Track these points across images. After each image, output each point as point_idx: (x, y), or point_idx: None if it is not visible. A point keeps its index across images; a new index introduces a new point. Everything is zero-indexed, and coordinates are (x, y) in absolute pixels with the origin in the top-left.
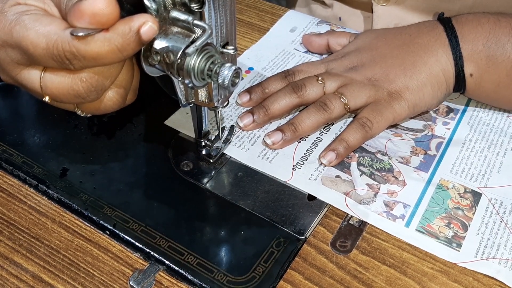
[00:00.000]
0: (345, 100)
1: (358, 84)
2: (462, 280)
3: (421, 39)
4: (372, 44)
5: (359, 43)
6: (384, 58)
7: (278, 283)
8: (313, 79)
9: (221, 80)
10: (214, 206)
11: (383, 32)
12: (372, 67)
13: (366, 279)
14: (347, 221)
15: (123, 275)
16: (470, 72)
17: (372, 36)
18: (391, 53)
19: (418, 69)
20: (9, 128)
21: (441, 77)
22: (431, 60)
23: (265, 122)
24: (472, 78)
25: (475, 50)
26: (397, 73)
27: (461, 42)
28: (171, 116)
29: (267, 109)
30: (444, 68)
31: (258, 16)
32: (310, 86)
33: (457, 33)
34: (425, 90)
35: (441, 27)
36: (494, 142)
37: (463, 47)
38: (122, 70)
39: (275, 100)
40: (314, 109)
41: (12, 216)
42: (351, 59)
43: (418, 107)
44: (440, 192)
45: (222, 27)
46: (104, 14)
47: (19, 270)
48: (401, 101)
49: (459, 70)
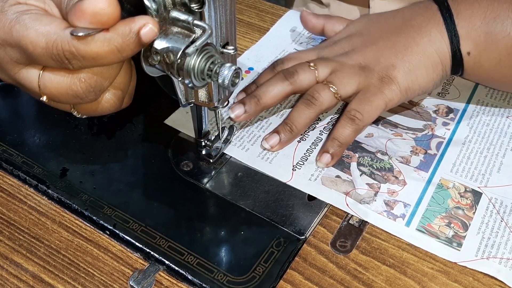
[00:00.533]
0: (334, 89)
1: (348, 71)
2: (462, 280)
3: (414, 21)
4: (364, 29)
5: (351, 29)
6: (375, 42)
7: (278, 283)
8: (305, 65)
9: (221, 80)
10: (214, 206)
11: (376, 17)
12: (363, 51)
13: (366, 279)
14: (347, 221)
15: (123, 275)
16: (467, 50)
17: (364, 21)
18: (382, 36)
19: (410, 51)
20: (9, 128)
21: (436, 58)
22: (424, 41)
23: (257, 112)
24: (470, 57)
25: (472, 27)
26: (388, 56)
27: (457, 19)
28: (171, 115)
29: (258, 99)
30: (439, 48)
31: (258, 16)
32: (302, 72)
33: (452, 11)
34: (418, 72)
35: (435, 6)
36: (494, 143)
37: (459, 24)
38: (120, 72)
39: (267, 89)
40: (303, 104)
41: (12, 216)
42: (342, 45)
43: (411, 90)
44: (441, 192)
45: (222, 27)
46: (105, 14)
47: (19, 270)
48: (391, 85)
49: (455, 49)
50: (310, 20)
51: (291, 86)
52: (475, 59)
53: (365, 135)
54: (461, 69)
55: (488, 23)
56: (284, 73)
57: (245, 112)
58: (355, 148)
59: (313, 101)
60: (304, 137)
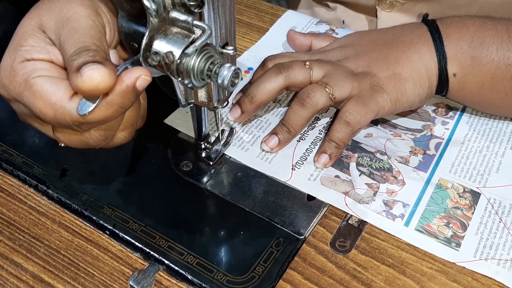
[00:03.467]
0: (330, 90)
1: (342, 75)
2: (461, 279)
3: (405, 37)
4: (355, 41)
5: (343, 41)
6: (367, 53)
7: (277, 283)
8: (301, 62)
9: (221, 80)
10: (213, 206)
11: (367, 32)
12: (356, 60)
13: (365, 278)
14: (346, 221)
15: (123, 275)
16: (453, 72)
17: (355, 35)
18: (374, 48)
19: (401, 64)
20: (9, 128)
21: (424, 74)
22: (415, 56)
23: (254, 109)
24: (456, 78)
25: (459, 50)
26: (380, 67)
27: (445, 41)
28: (171, 114)
29: (252, 97)
30: (427, 65)
31: (257, 16)
32: (297, 68)
33: (441, 33)
34: (407, 85)
35: (425, 27)
36: (493, 141)
37: (447, 46)
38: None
39: (259, 85)
40: (298, 104)
41: (12, 216)
42: (335, 53)
43: (400, 102)
44: (439, 192)
45: (221, 27)
46: (103, 87)
47: (19, 270)
48: (383, 94)
49: (442, 69)
50: (297, 38)
51: (284, 80)
52: (460, 81)
53: (364, 135)
54: (446, 89)
55: (475, 47)
56: (278, 66)
57: (242, 112)
58: (354, 148)
59: (308, 101)
60: (303, 136)
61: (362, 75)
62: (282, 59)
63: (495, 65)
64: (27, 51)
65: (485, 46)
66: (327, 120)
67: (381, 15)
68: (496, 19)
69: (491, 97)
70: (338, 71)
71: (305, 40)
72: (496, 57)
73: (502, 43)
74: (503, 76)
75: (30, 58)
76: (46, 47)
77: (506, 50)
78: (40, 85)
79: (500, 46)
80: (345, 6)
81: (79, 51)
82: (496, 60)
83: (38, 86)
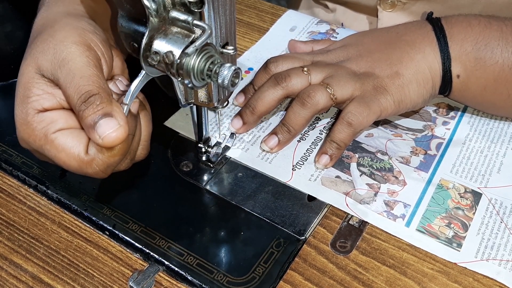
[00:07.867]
0: (331, 90)
1: (344, 76)
2: (462, 280)
3: (408, 36)
4: (358, 40)
5: (346, 40)
6: (370, 53)
7: (278, 283)
8: (298, 69)
9: (221, 80)
10: (213, 206)
11: (370, 31)
12: (358, 61)
13: (366, 279)
14: (347, 221)
15: (123, 276)
16: (457, 73)
17: (358, 34)
18: (377, 48)
19: (404, 65)
20: (9, 128)
21: (428, 75)
22: (418, 57)
23: (255, 120)
24: (459, 79)
25: (463, 51)
26: (383, 67)
27: (450, 41)
28: (171, 117)
29: (253, 108)
30: (431, 65)
31: (258, 16)
32: (295, 76)
33: (446, 32)
34: (411, 86)
35: (429, 26)
36: (494, 141)
37: (452, 47)
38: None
39: (259, 97)
40: (298, 104)
41: (11, 217)
42: (337, 54)
43: (403, 103)
44: (441, 192)
45: (221, 27)
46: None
47: (19, 270)
48: (386, 95)
49: (446, 70)
50: (298, 46)
51: (283, 91)
52: (463, 82)
53: (365, 135)
54: (449, 90)
55: (479, 49)
56: (276, 77)
57: (244, 123)
58: (355, 148)
59: (308, 100)
60: (304, 136)
61: (365, 76)
62: (284, 61)
63: (499, 67)
64: (35, 101)
65: (489, 48)
66: (328, 120)
67: (382, 16)
68: (501, 19)
69: (493, 98)
70: (340, 71)
71: (306, 48)
72: (500, 59)
73: (507, 45)
74: (506, 79)
75: (41, 109)
76: (51, 92)
77: (510, 52)
78: (61, 139)
79: (505, 48)
80: (345, 7)
81: (84, 98)
82: (500, 62)
83: (60, 140)
